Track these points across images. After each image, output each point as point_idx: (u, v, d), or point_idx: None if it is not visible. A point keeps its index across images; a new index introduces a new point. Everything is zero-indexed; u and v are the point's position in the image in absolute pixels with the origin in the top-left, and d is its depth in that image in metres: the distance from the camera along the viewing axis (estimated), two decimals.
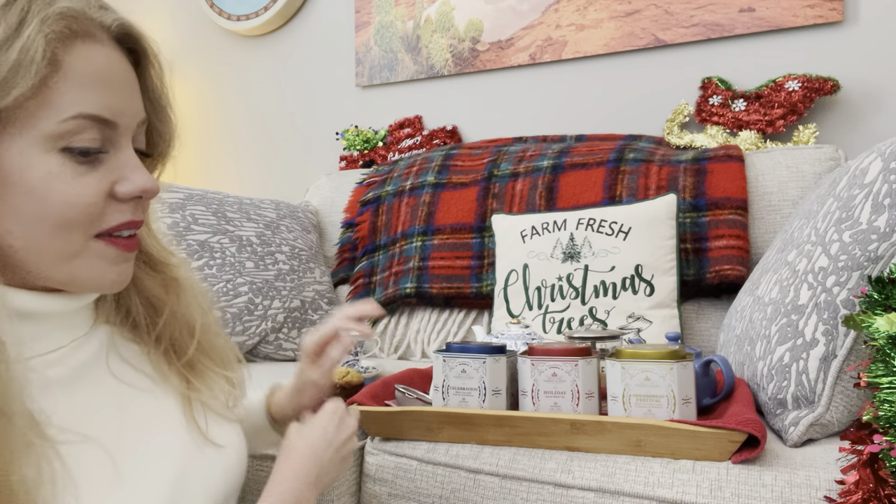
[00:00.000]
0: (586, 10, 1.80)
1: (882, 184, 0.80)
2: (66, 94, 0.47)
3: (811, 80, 1.53)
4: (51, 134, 0.46)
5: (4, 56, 0.43)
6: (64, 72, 0.46)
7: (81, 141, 0.47)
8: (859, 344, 0.77)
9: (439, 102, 2.04)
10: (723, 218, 1.39)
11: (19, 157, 0.46)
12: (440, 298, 1.60)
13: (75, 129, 0.47)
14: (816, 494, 0.70)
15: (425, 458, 0.88)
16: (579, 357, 0.84)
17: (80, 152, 0.48)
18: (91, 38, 0.49)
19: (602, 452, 0.82)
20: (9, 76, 0.43)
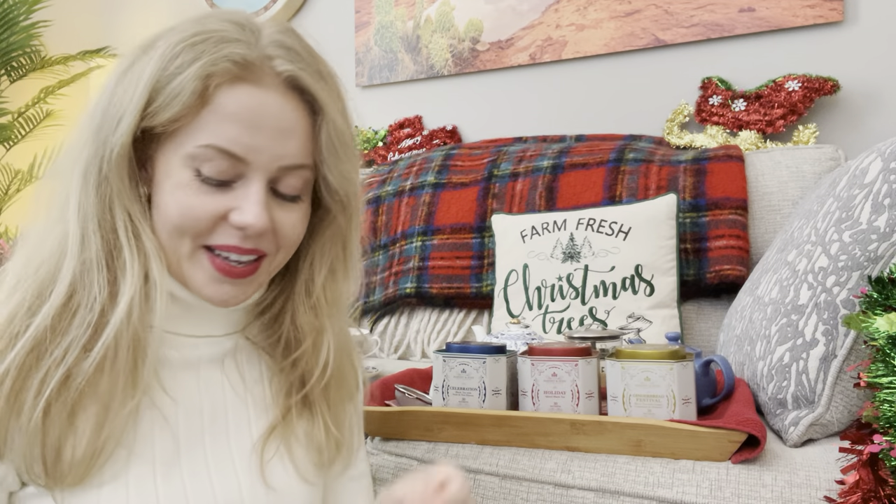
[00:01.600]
0: (586, 10, 1.80)
1: (882, 184, 0.80)
2: (208, 126, 0.53)
3: (811, 80, 1.53)
4: (188, 154, 0.54)
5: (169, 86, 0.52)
6: (212, 107, 0.53)
7: (209, 168, 0.54)
8: (859, 344, 0.77)
9: (439, 102, 2.04)
10: (723, 218, 1.39)
11: (167, 165, 0.55)
12: (440, 298, 1.60)
13: (206, 156, 0.53)
14: (816, 494, 0.70)
15: (425, 458, 0.88)
16: (579, 357, 0.84)
17: (205, 177, 0.54)
18: (253, 83, 0.54)
19: (602, 452, 0.82)
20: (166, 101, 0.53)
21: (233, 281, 0.57)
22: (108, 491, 0.52)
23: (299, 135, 0.56)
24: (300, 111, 0.56)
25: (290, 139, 0.55)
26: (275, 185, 0.57)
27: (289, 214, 0.57)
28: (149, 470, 0.54)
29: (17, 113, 2.44)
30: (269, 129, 0.54)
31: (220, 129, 0.53)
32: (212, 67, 0.53)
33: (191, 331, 0.60)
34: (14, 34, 2.39)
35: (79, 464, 0.51)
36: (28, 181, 2.43)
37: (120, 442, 0.53)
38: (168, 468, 0.55)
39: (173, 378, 0.58)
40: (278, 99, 0.55)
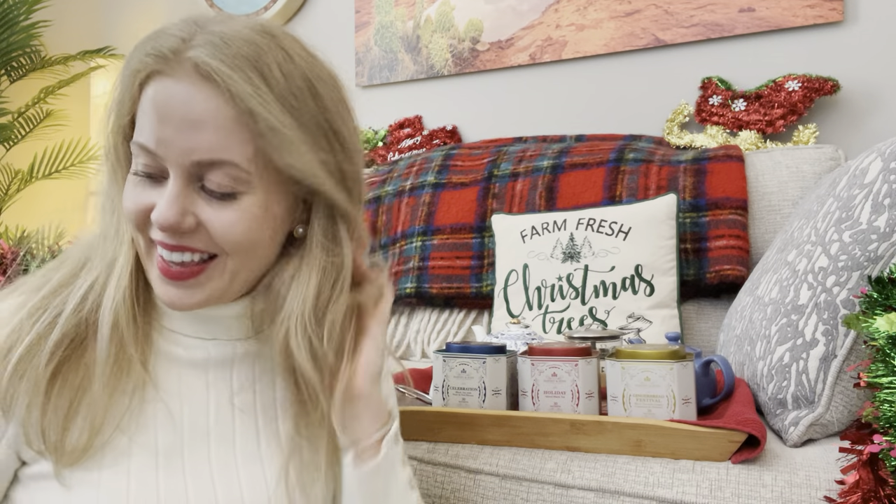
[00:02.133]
0: (586, 10, 1.80)
1: (882, 184, 0.80)
2: (139, 122, 0.54)
3: (811, 80, 1.53)
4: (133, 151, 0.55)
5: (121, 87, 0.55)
6: (140, 103, 0.54)
7: (137, 164, 0.55)
8: (859, 344, 0.77)
9: (439, 102, 2.04)
10: (723, 218, 1.39)
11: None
12: (440, 298, 1.60)
13: (136, 152, 0.55)
14: (816, 494, 0.70)
15: (425, 458, 0.88)
16: (579, 357, 0.84)
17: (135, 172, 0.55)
18: (169, 76, 0.52)
19: (602, 452, 0.82)
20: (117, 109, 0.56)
21: (175, 283, 0.55)
22: (109, 475, 0.54)
23: (214, 127, 0.52)
24: (218, 101, 0.52)
25: (200, 131, 0.52)
26: (201, 181, 0.54)
27: (221, 213, 0.54)
28: (151, 460, 0.55)
29: (17, 113, 2.44)
30: (179, 120, 0.52)
31: (141, 124, 0.54)
32: (137, 64, 0.53)
33: (197, 332, 0.61)
34: (14, 34, 2.39)
35: (76, 442, 0.53)
36: (28, 181, 2.43)
37: (120, 427, 0.55)
38: (169, 461, 0.56)
39: (179, 375, 0.59)
40: (189, 89, 0.51)
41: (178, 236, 0.54)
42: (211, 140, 0.52)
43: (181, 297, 0.55)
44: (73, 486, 0.53)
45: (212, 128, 0.52)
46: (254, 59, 0.52)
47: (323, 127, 0.56)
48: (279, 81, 0.53)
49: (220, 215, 0.54)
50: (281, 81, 0.53)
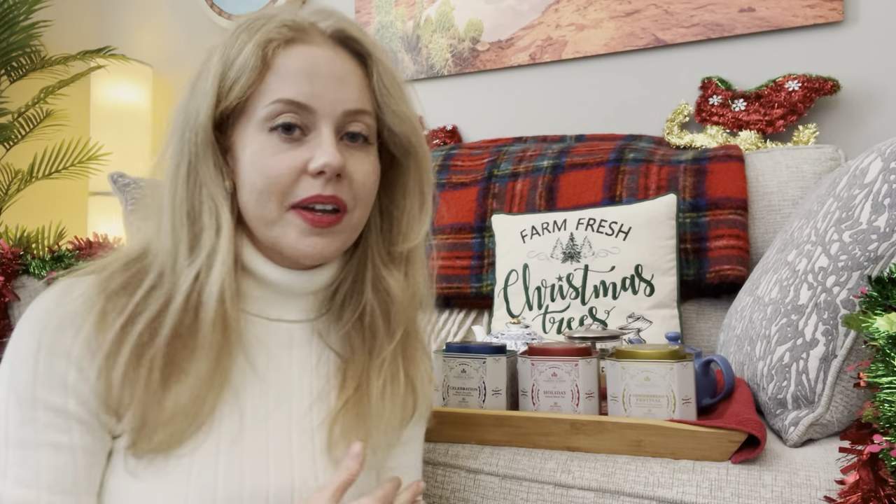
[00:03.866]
0: (586, 10, 1.80)
1: (882, 184, 0.80)
2: (272, 86, 0.59)
3: (811, 80, 1.53)
4: (261, 118, 0.59)
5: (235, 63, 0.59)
6: (274, 70, 0.59)
7: (280, 121, 0.59)
8: (859, 344, 0.77)
9: (439, 102, 2.04)
10: (723, 218, 1.39)
11: (245, 139, 0.60)
12: (440, 298, 1.60)
13: (275, 112, 0.59)
14: (816, 494, 0.70)
15: (425, 458, 0.88)
16: (579, 357, 0.84)
17: (282, 128, 0.59)
18: (304, 42, 0.61)
19: (602, 452, 0.82)
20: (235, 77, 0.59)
21: (321, 231, 0.60)
22: (173, 463, 0.55)
23: (355, 82, 0.62)
24: (351, 62, 0.62)
25: (347, 86, 0.61)
26: (341, 131, 0.61)
27: (360, 163, 0.62)
28: (213, 446, 0.57)
29: (17, 113, 2.44)
30: (326, 77, 0.60)
31: (284, 85, 0.59)
32: (267, 34, 0.59)
33: (267, 313, 0.64)
34: (14, 34, 2.38)
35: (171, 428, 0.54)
36: (28, 181, 2.43)
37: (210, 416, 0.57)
38: (231, 446, 0.57)
39: (246, 357, 0.61)
40: (329, 52, 0.61)
41: (333, 184, 0.60)
42: (355, 93, 0.61)
43: (326, 245, 0.61)
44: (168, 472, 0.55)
45: (354, 83, 0.62)
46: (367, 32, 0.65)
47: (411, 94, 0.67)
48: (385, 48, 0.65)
49: (360, 164, 0.62)
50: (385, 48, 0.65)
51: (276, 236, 0.60)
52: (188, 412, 0.55)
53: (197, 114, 0.59)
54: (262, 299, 0.63)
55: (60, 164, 2.43)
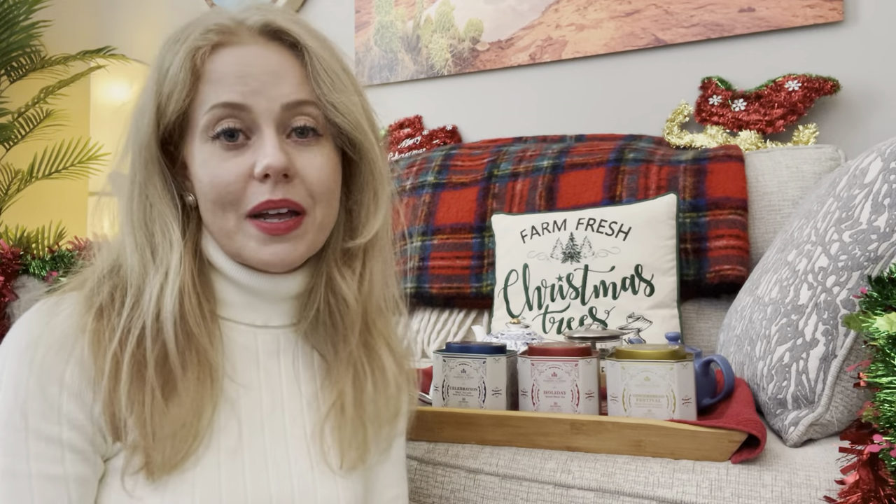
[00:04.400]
0: (586, 10, 1.80)
1: (882, 184, 0.80)
2: (207, 94, 0.57)
3: (811, 80, 1.53)
4: (202, 127, 0.57)
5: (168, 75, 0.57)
6: (206, 77, 0.57)
7: (219, 128, 0.57)
8: (859, 344, 0.77)
9: (439, 102, 2.04)
10: (723, 218, 1.39)
11: (192, 151, 0.59)
12: (440, 298, 1.60)
13: (214, 118, 0.57)
14: (816, 494, 0.70)
15: (425, 458, 0.88)
16: (579, 357, 0.84)
17: (224, 135, 0.57)
18: (233, 43, 0.58)
19: (602, 452, 0.82)
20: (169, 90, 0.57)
21: (280, 238, 0.58)
22: (176, 479, 0.54)
23: (292, 74, 0.59)
24: (285, 54, 0.60)
25: (282, 79, 0.58)
26: (286, 128, 0.59)
27: (311, 159, 0.59)
28: (214, 458, 0.56)
29: (17, 113, 2.44)
30: (259, 74, 0.58)
31: (218, 90, 0.57)
32: (194, 42, 0.57)
33: (251, 319, 0.62)
34: (14, 34, 2.38)
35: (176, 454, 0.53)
36: (28, 181, 2.43)
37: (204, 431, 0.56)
38: (232, 457, 0.57)
39: (233, 366, 0.60)
40: (259, 49, 0.59)
41: (282, 187, 0.57)
42: (292, 85, 0.58)
43: (288, 250, 0.59)
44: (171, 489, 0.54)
45: (291, 75, 0.59)
46: (301, 20, 0.61)
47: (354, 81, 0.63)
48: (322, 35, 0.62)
49: (311, 161, 0.59)
50: (322, 35, 0.62)
51: (239, 247, 0.59)
52: (188, 428, 0.54)
53: (139, 131, 0.58)
54: (247, 306, 0.62)
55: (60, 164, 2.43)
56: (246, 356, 0.61)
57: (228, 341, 0.61)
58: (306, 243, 0.60)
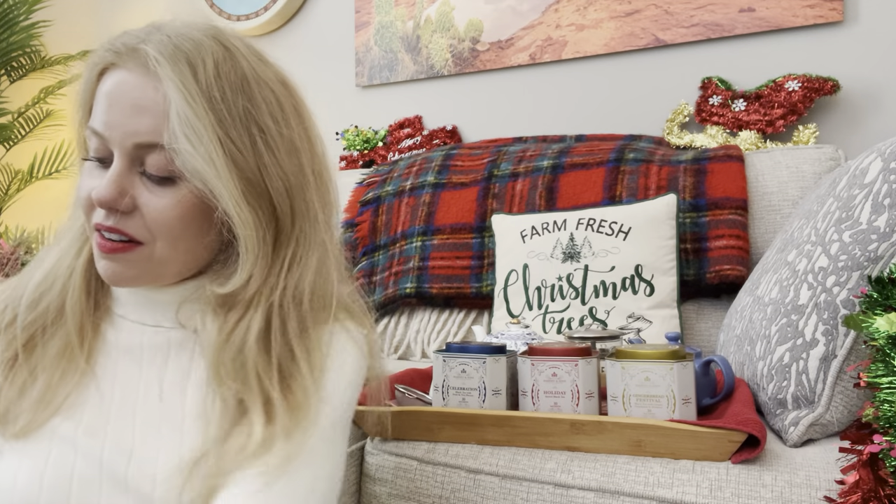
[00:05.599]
0: (586, 10, 1.80)
1: (882, 184, 0.80)
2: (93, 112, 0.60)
3: (811, 80, 1.53)
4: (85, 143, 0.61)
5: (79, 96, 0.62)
6: (96, 95, 0.60)
7: (89, 149, 0.60)
8: (859, 344, 0.77)
9: (439, 102, 2.04)
10: (723, 218, 1.39)
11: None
12: (440, 298, 1.60)
13: (87, 138, 0.60)
14: (816, 494, 0.70)
15: (425, 458, 0.88)
16: (579, 357, 0.84)
17: (94, 158, 0.60)
18: (118, 66, 0.59)
19: (602, 452, 0.82)
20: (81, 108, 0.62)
21: (109, 256, 0.59)
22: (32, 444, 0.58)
23: (154, 113, 0.57)
24: (160, 92, 0.57)
25: (143, 116, 0.57)
26: (141, 165, 0.58)
27: (156, 198, 0.58)
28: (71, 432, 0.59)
29: (17, 113, 2.44)
30: (125, 105, 0.57)
31: (95, 111, 0.59)
32: (96, 58, 0.60)
33: (141, 318, 0.64)
34: (14, 34, 2.39)
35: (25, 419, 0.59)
36: (28, 181, 2.43)
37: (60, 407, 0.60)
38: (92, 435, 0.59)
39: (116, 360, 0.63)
40: (140, 79, 0.57)
41: (114, 217, 0.58)
42: (150, 124, 0.57)
43: (115, 270, 0.60)
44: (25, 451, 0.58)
45: (152, 113, 0.57)
46: (190, 53, 0.58)
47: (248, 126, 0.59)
48: (208, 74, 0.57)
49: (156, 199, 0.58)
50: (210, 74, 0.57)
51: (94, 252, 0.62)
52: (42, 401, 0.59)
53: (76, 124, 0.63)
54: (137, 305, 0.65)
55: (60, 164, 2.43)
56: (129, 351, 0.63)
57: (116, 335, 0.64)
58: (138, 270, 0.60)
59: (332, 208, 0.68)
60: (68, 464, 0.58)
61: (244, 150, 0.58)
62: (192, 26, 0.61)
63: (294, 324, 0.61)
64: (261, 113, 0.60)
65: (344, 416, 0.65)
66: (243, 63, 0.60)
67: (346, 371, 0.65)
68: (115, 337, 0.64)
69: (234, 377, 0.58)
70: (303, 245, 0.63)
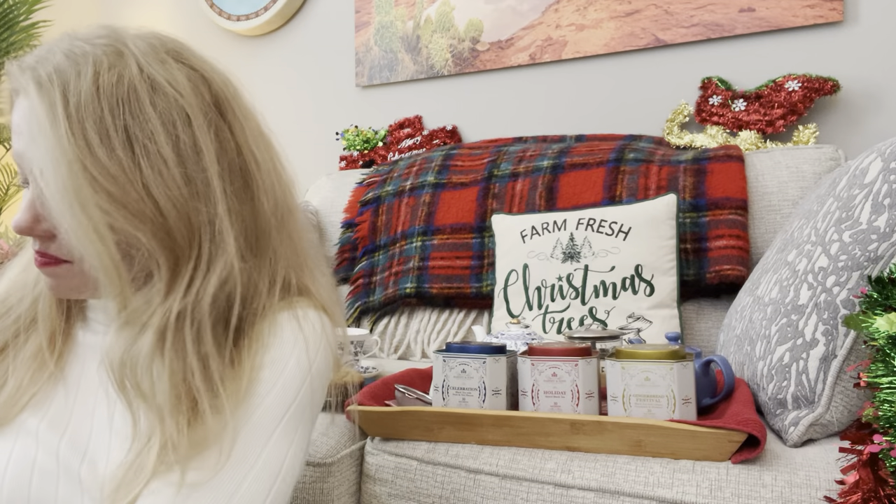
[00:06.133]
0: (586, 10, 1.80)
1: (882, 184, 0.80)
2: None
3: (811, 80, 1.53)
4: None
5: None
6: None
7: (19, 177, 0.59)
8: (859, 344, 0.77)
9: (439, 102, 2.04)
10: (723, 218, 1.39)
11: None
12: (440, 298, 1.60)
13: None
14: (816, 494, 0.70)
15: (425, 458, 0.88)
16: (579, 357, 0.84)
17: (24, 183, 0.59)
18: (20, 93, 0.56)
19: (602, 452, 0.82)
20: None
21: (46, 271, 0.60)
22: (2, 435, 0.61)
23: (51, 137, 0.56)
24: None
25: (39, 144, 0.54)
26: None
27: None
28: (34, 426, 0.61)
29: None
30: (25, 134, 0.56)
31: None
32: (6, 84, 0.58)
33: (107, 320, 0.66)
34: (14, 34, 2.38)
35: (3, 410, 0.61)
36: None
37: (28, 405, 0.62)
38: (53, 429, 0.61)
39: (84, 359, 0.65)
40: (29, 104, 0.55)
41: (38, 241, 0.58)
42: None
43: (54, 284, 0.61)
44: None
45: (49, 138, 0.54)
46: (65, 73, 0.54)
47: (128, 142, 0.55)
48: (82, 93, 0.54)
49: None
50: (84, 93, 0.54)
51: None
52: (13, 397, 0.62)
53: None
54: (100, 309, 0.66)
55: None
56: (95, 351, 0.65)
57: (85, 336, 0.66)
58: (76, 283, 0.60)
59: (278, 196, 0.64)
60: (30, 456, 0.59)
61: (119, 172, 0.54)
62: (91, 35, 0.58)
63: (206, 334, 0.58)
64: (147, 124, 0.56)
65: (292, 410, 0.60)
66: (134, 70, 0.56)
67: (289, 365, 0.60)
68: (84, 338, 0.66)
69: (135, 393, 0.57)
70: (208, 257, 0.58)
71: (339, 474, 0.90)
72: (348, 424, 0.96)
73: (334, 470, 0.89)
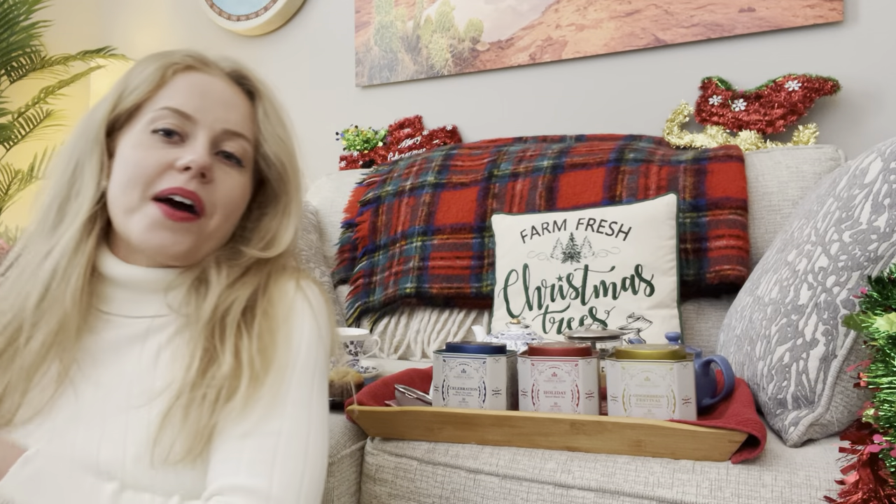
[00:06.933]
0: (586, 10, 1.80)
1: (882, 184, 0.80)
2: (164, 97, 0.67)
3: (811, 80, 1.53)
4: (146, 121, 0.66)
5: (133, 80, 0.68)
6: (168, 86, 0.68)
7: (162, 123, 0.66)
8: (859, 344, 0.77)
9: (439, 102, 2.04)
10: (723, 218, 1.39)
11: (128, 139, 0.67)
12: (440, 298, 1.60)
13: (160, 116, 0.66)
14: (816, 494, 0.70)
15: (425, 458, 0.88)
16: (579, 357, 0.84)
17: (163, 132, 0.65)
18: (202, 71, 0.70)
19: (602, 452, 0.82)
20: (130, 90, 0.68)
21: (172, 226, 0.64)
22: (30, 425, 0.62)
23: (241, 111, 0.70)
24: (241, 96, 0.71)
25: (232, 110, 0.69)
26: (218, 147, 0.68)
27: (228, 176, 0.68)
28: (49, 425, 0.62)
29: (17, 113, 2.44)
30: (215, 99, 0.68)
31: (175, 97, 0.67)
32: (169, 60, 0.69)
33: (126, 311, 0.68)
34: (14, 34, 2.39)
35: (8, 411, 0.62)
36: (28, 181, 2.43)
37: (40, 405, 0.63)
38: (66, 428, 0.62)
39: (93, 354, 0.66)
40: (223, 82, 0.70)
41: (196, 183, 0.65)
42: (238, 118, 0.69)
43: (173, 241, 0.65)
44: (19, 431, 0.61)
45: (240, 111, 0.70)
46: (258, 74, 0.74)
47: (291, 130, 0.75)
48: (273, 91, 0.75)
49: (227, 178, 0.68)
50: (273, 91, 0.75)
51: (131, 227, 0.64)
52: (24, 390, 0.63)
53: (93, 115, 0.68)
54: (123, 301, 0.68)
55: None
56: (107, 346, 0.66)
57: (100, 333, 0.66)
58: (191, 241, 0.66)
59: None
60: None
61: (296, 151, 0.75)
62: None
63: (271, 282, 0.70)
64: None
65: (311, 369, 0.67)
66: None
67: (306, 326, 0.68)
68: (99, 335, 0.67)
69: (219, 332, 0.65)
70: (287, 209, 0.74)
71: (340, 474, 0.90)
72: (348, 424, 0.96)
73: (334, 470, 0.89)
